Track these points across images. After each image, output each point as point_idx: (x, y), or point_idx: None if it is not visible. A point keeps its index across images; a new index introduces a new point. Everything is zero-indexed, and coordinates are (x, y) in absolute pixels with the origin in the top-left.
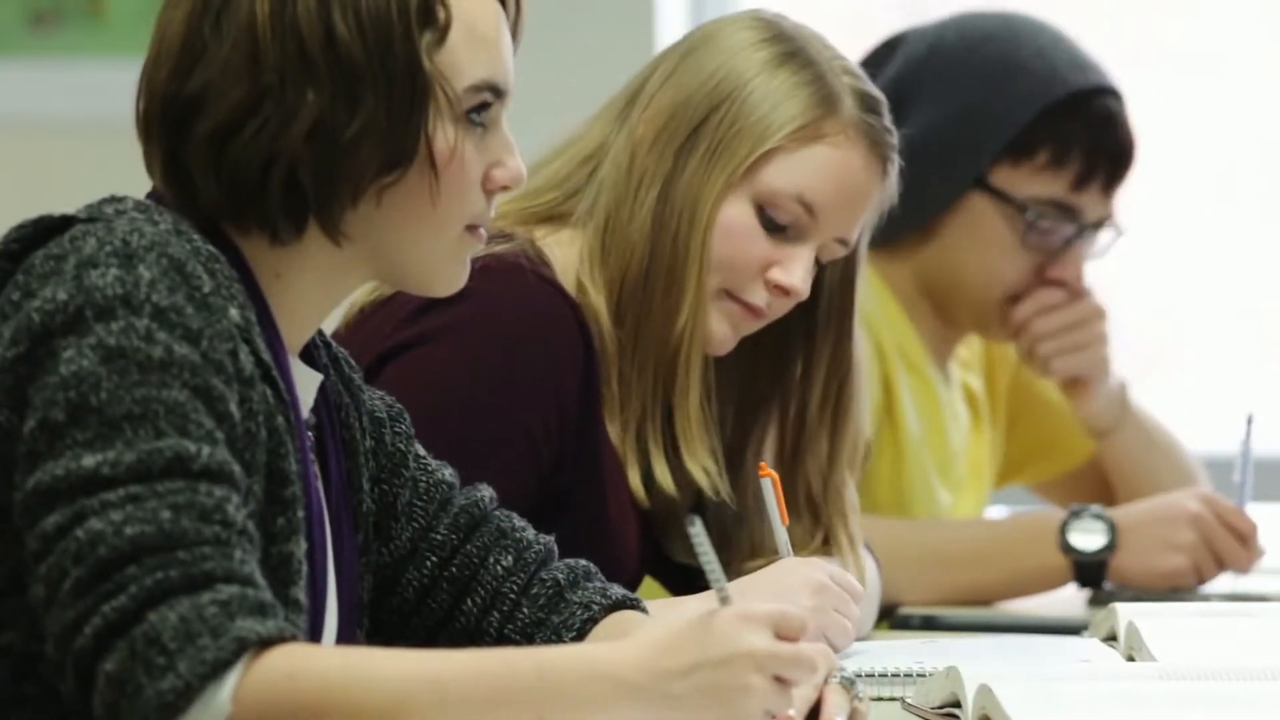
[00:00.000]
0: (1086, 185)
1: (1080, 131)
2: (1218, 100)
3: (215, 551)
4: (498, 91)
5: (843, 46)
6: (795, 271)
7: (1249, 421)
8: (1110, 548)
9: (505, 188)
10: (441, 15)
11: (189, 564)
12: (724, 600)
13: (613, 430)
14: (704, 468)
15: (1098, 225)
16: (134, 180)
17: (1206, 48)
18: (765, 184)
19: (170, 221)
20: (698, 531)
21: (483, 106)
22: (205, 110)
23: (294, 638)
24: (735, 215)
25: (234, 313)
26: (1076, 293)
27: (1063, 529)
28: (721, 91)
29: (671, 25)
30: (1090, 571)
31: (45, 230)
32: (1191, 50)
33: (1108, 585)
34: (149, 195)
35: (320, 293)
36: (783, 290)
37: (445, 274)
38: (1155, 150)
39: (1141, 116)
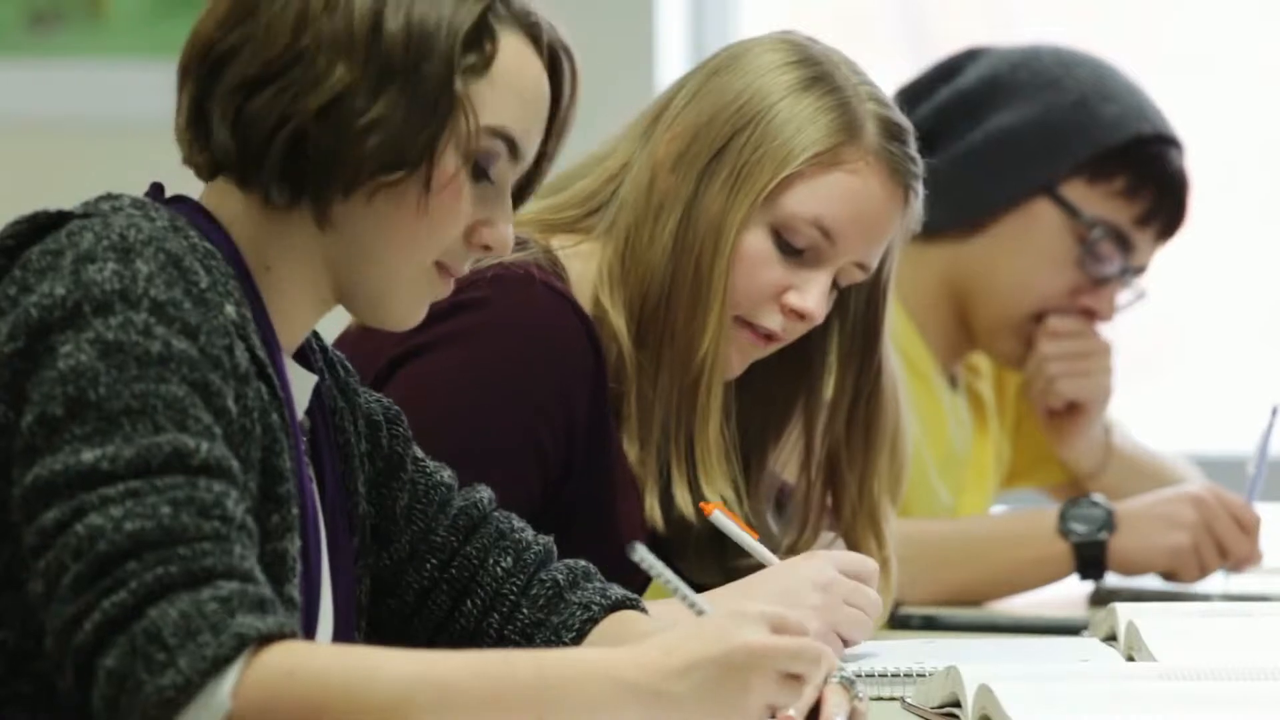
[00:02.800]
0: (1148, 224)
1: (1159, 171)
2: (1217, 100)
3: (215, 547)
4: (514, 148)
5: (840, 46)
6: (811, 296)
7: (1274, 412)
8: (1109, 528)
9: (487, 248)
10: (488, 48)
11: (189, 560)
12: (699, 614)
13: (630, 450)
14: (723, 498)
15: (1139, 271)
16: (134, 180)
17: (1205, 48)
18: (784, 209)
19: (167, 218)
20: (643, 557)
21: (494, 156)
22: (238, 61)
23: (294, 634)
24: (753, 242)
25: (230, 309)
26: (1094, 326)
27: (1061, 514)
28: (745, 114)
29: (671, 26)
30: (1090, 557)
31: (41, 226)
32: (1190, 50)
33: (1108, 577)
34: (147, 193)
35: (306, 289)
36: (798, 315)
37: (400, 302)
38: None
39: None
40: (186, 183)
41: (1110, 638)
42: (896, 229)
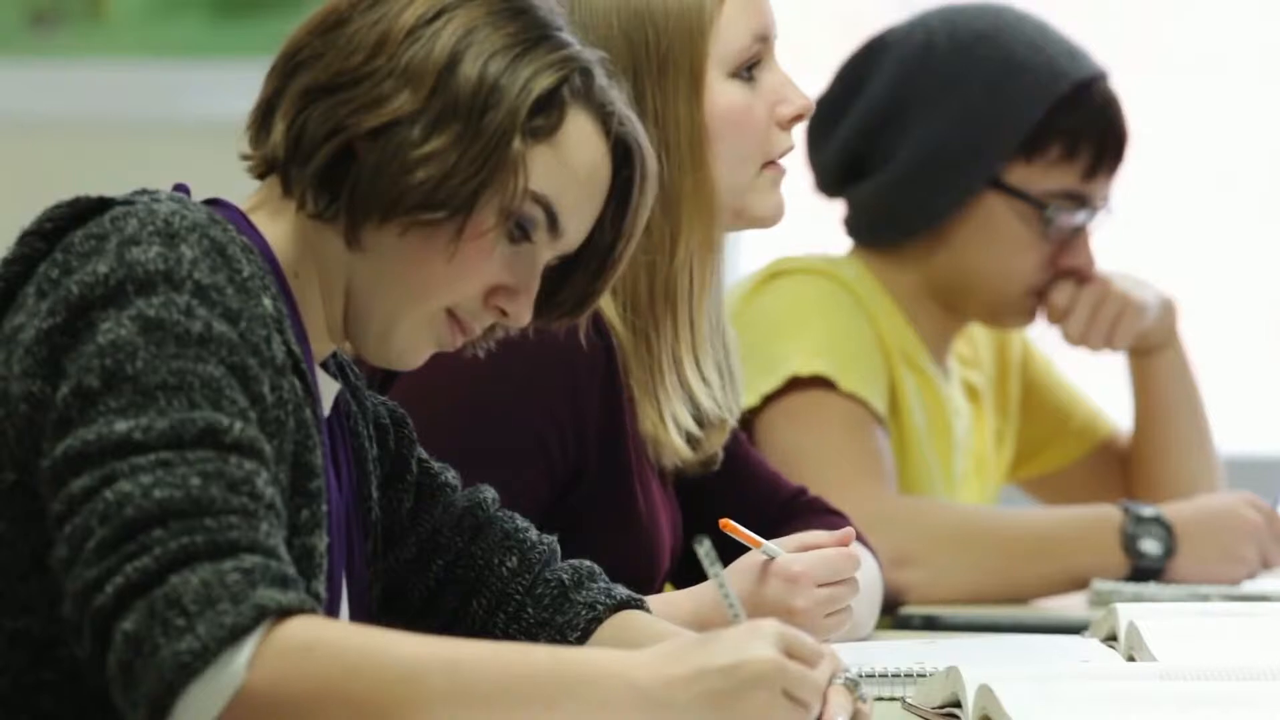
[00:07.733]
0: (1096, 173)
1: (1087, 122)
2: (1217, 100)
3: (241, 521)
4: (553, 221)
5: (839, 46)
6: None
7: None
8: (1172, 554)
9: (503, 312)
10: (554, 117)
11: (215, 531)
12: (735, 620)
13: (650, 414)
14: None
15: (1103, 206)
16: (134, 181)
17: (1205, 48)
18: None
19: (205, 212)
20: (706, 551)
21: (533, 223)
22: (315, 68)
23: (314, 610)
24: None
25: (268, 302)
26: (1088, 277)
27: (1123, 530)
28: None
29: None
30: (1148, 574)
31: (82, 211)
32: (1190, 50)
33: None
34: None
35: (323, 306)
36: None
37: (402, 339)
38: (1154, 151)
39: (1141, 117)
40: (188, 183)
41: (1110, 638)
42: None
